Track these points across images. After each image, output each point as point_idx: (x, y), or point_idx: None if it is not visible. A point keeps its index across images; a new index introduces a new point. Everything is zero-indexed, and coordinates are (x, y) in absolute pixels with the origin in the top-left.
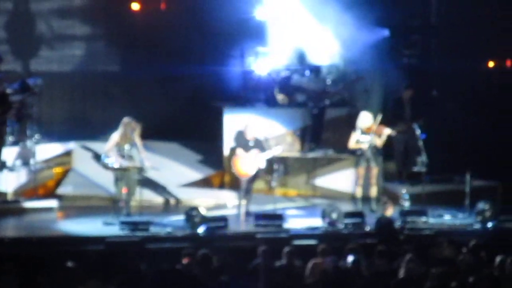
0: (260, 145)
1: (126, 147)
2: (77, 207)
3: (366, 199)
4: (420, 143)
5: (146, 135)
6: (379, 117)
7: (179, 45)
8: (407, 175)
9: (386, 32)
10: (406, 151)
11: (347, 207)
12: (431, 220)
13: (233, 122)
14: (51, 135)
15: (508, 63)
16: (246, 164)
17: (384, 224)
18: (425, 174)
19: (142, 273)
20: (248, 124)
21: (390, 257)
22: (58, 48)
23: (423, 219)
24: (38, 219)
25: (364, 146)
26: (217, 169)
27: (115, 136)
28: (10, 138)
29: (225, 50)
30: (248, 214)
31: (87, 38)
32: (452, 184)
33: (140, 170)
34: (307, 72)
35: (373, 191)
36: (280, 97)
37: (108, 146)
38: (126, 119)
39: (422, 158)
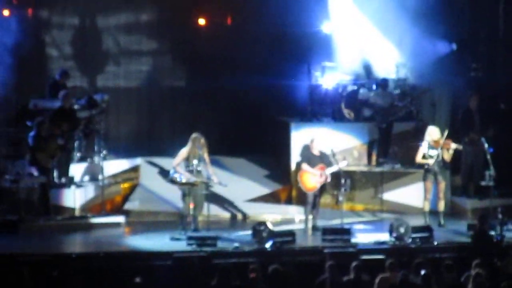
0: (326, 160)
1: (194, 162)
2: (144, 222)
3: (434, 213)
4: (488, 156)
5: (213, 150)
6: (447, 131)
7: (245, 60)
8: (474, 189)
9: (452, 45)
10: (472, 165)
11: (415, 221)
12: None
13: (300, 136)
14: (118, 151)
15: None
16: (313, 178)
17: (481, 235)
18: (493, 188)
19: None
20: (315, 139)
21: (458, 271)
22: (125, 64)
23: (492, 233)
24: (106, 235)
25: (432, 160)
26: (284, 184)
27: (183, 152)
28: (77, 154)
29: (291, 65)
30: (315, 228)
31: (154, 53)
32: None
33: (208, 185)
34: (374, 86)
35: (441, 205)
36: (346, 111)
37: (176, 161)
38: (194, 135)
39: (490, 171)
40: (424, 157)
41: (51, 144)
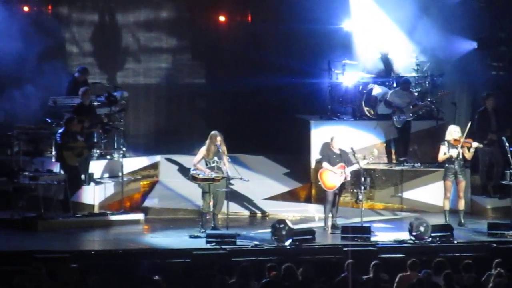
0: (346, 158)
1: (214, 160)
2: (163, 219)
3: (454, 212)
4: (509, 155)
5: (233, 148)
6: (467, 130)
7: (265, 57)
8: (493, 189)
9: (473, 44)
10: (491, 164)
11: (435, 220)
12: None
13: (320, 134)
14: (137, 148)
15: None
16: (332, 177)
17: None
18: None
19: (228, 286)
20: (335, 137)
21: (478, 271)
22: (144, 61)
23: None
24: (125, 232)
25: (452, 157)
26: (303, 182)
27: (203, 150)
28: (97, 151)
29: (312, 62)
30: (334, 227)
31: (173, 50)
32: None
33: (228, 182)
34: (394, 85)
35: (461, 204)
36: (366, 109)
37: (197, 159)
38: (213, 132)
39: (511, 171)
40: (445, 155)
41: (79, 142)
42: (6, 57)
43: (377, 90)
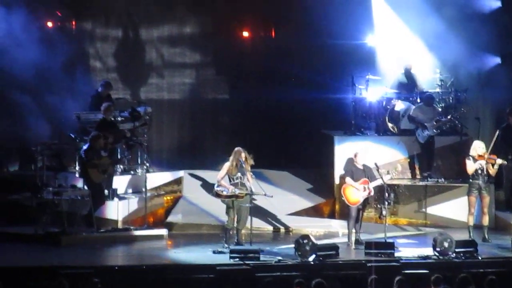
0: (370, 173)
1: (238, 175)
2: (187, 235)
3: (478, 227)
4: None
5: (256, 164)
6: (492, 146)
7: (288, 72)
8: None
9: (497, 60)
10: None
11: (459, 235)
12: None
13: (344, 150)
14: (160, 163)
15: None
16: (356, 192)
17: None
18: None
19: None
20: (358, 152)
21: (502, 287)
22: (168, 76)
23: None
24: (148, 247)
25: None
26: (327, 197)
27: (227, 165)
28: (120, 166)
29: (335, 77)
30: (358, 242)
31: (197, 65)
32: None
33: (252, 198)
34: (418, 100)
35: (485, 220)
36: (390, 125)
37: (220, 175)
38: (237, 148)
39: None
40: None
41: (104, 159)
42: (30, 72)
43: (400, 105)
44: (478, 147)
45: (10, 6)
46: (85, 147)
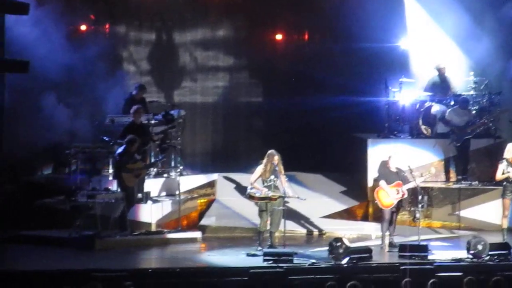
0: (403, 176)
1: (271, 178)
2: (220, 238)
3: None
4: None
5: (290, 167)
6: None
7: (322, 76)
8: None
9: None
10: None
11: (493, 238)
12: None
13: (377, 153)
14: (194, 166)
15: None
16: (390, 195)
17: None
18: None
19: None
20: (392, 155)
21: None
22: (201, 80)
23: None
24: (182, 250)
25: (510, 177)
26: (360, 200)
27: (260, 168)
28: (154, 170)
29: (369, 81)
30: (392, 245)
31: (230, 69)
32: None
33: (285, 200)
34: (452, 103)
35: None
36: (424, 127)
37: (253, 178)
38: (270, 151)
39: None
40: (503, 174)
41: (138, 163)
42: (64, 75)
43: (435, 108)
44: (511, 150)
45: (44, 9)
46: (120, 150)
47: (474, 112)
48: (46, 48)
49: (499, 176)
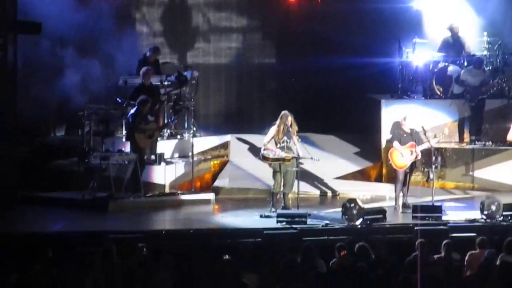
0: (417, 137)
1: (284, 139)
2: (233, 199)
3: None
4: None
5: (303, 128)
6: None
7: (335, 37)
8: None
9: None
10: None
11: (506, 199)
12: None
13: (391, 114)
14: (207, 128)
15: None
16: (403, 156)
17: None
18: None
19: (298, 266)
20: (405, 116)
21: None
22: (214, 41)
23: None
24: (195, 212)
25: None
26: (374, 161)
27: (273, 129)
28: (167, 131)
29: (382, 42)
30: (405, 206)
31: (243, 30)
32: None
33: (298, 161)
34: (465, 63)
35: None
36: (437, 88)
37: (267, 139)
38: (283, 112)
39: None
40: None
41: (151, 124)
42: (77, 36)
43: (450, 69)
44: None
45: None
46: (132, 111)
47: (488, 72)
48: (59, 8)
49: (510, 136)
